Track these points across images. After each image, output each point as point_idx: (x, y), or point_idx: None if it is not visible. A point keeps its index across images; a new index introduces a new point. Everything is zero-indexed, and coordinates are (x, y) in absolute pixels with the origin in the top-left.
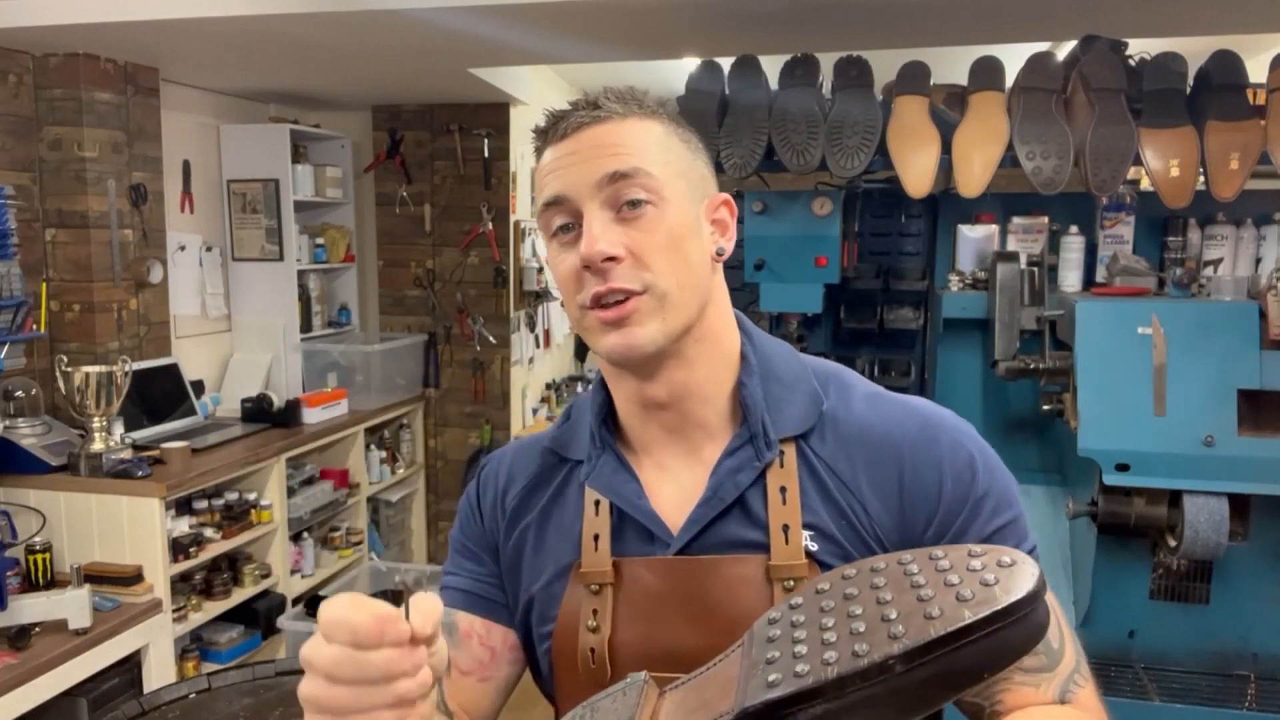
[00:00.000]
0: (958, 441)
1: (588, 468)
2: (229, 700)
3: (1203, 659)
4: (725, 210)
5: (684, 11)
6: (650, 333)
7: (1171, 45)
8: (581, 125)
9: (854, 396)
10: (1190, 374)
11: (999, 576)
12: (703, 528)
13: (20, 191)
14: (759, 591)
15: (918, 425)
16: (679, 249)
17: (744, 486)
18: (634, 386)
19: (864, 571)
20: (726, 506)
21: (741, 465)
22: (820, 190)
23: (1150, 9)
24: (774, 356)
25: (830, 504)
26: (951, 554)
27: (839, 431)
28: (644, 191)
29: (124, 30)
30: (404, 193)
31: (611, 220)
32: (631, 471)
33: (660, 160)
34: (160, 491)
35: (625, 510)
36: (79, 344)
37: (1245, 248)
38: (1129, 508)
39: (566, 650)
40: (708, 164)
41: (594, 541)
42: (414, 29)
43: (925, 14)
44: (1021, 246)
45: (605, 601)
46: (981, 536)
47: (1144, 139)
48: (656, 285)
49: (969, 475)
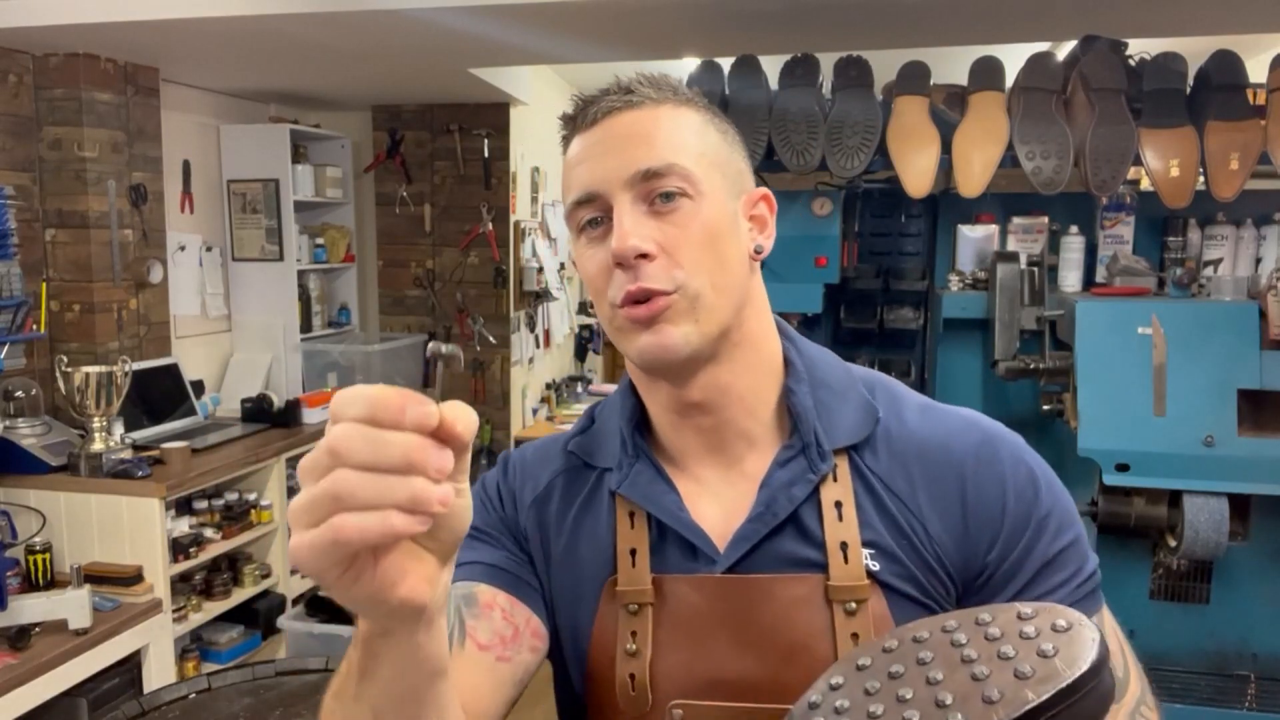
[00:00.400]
0: (1019, 457)
1: (618, 476)
2: (229, 700)
3: (1203, 659)
4: (764, 206)
5: (684, 11)
6: (684, 334)
7: (1171, 45)
8: (613, 110)
9: (905, 407)
10: (1190, 374)
11: (1057, 645)
12: (754, 545)
13: (20, 191)
14: (817, 614)
15: (977, 439)
16: (714, 246)
17: (799, 501)
18: (668, 392)
19: (906, 643)
20: (779, 523)
21: (795, 478)
22: (820, 190)
23: (1150, 9)
24: (820, 363)
25: (889, 521)
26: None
27: (893, 445)
28: (679, 183)
29: (124, 30)
30: (404, 193)
31: (644, 214)
32: (670, 481)
33: (696, 152)
34: (160, 491)
35: (665, 523)
36: (79, 344)
37: (1245, 248)
38: (1129, 508)
39: (602, 675)
40: (745, 157)
41: (631, 557)
42: (414, 29)
43: (925, 14)
44: (1021, 246)
45: (645, 623)
46: (1046, 558)
47: (1144, 139)
48: (689, 285)
49: (1031, 493)
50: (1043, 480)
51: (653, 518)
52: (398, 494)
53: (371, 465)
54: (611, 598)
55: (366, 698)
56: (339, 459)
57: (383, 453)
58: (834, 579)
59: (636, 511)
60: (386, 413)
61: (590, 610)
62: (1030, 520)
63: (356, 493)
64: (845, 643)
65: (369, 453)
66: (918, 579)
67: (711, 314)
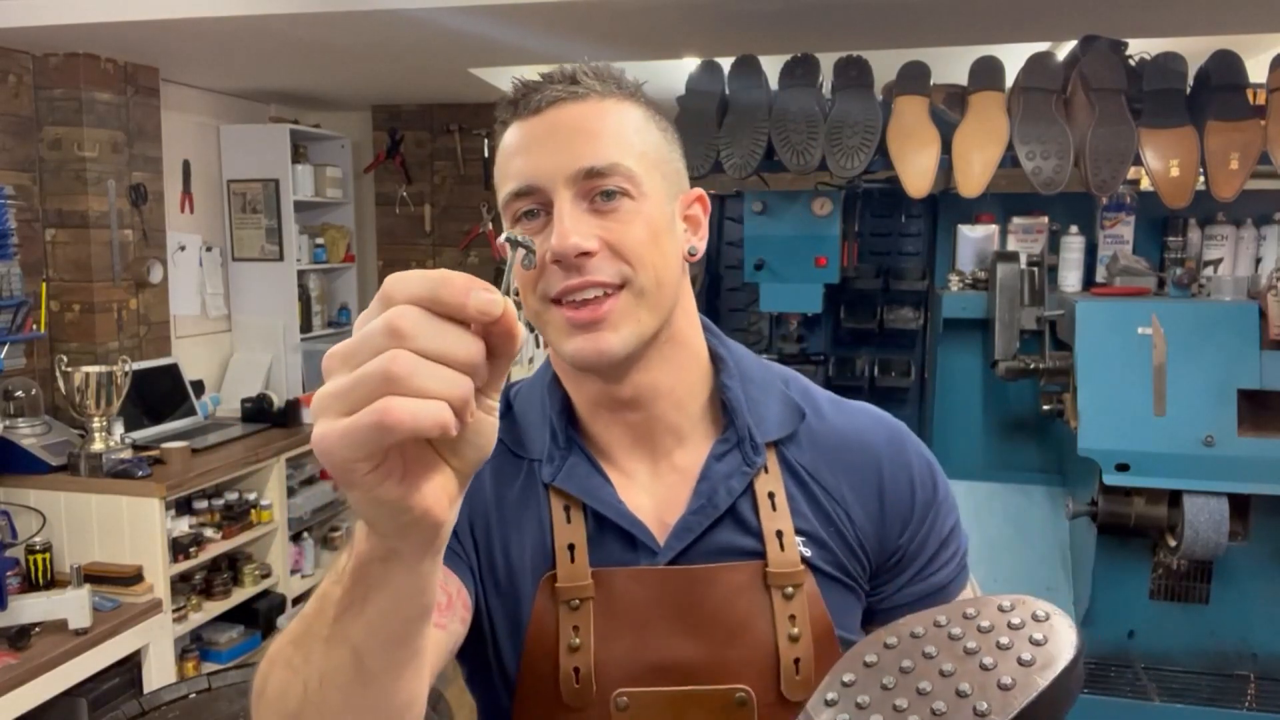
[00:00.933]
0: (919, 450)
1: (551, 468)
2: (229, 700)
3: (1203, 659)
4: (699, 207)
5: (684, 11)
6: (623, 337)
7: (1171, 45)
8: (557, 100)
9: (819, 402)
10: (1190, 374)
11: (1045, 634)
12: (696, 536)
13: (20, 191)
14: (757, 598)
15: (886, 434)
16: (658, 243)
17: (737, 493)
18: (598, 388)
19: (905, 639)
20: (719, 515)
21: (732, 471)
22: (820, 190)
23: (1150, 9)
24: (745, 359)
25: (818, 510)
26: (984, 610)
27: (815, 438)
28: (621, 183)
29: (124, 30)
30: (404, 193)
31: (585, 211)
32: (604, 474)
33: (638, 151)
34: (160, 491)
35: (604, 515)
36: (79, 344)
37: (1245, 248)
38: (1129, 508)
39: (539, 669)
40: (681, 156)
41: (569, 552)
42: (414, 29)
43: (925, 14)
44: (1021, 246)
45: (587, 617)
46: (942, 536)
47: (1144, 139)
48: (636, 279)
49: (931, 481)
50: (937, 469)
51: (588, 511)
52: (454, 388)
53: (436, 353)
54: (550, 593)
55: (348, 636)
56: (400, 339)
57: (448, 342)
58: (772, 565)
59: (572, 505)
60: (451, 295)
61: (527, 605)
62: (931, 505)
63: (414, 377)
64: (783, 623)
65: (434, 339)
66: (842, 563)
67: (654, 310)
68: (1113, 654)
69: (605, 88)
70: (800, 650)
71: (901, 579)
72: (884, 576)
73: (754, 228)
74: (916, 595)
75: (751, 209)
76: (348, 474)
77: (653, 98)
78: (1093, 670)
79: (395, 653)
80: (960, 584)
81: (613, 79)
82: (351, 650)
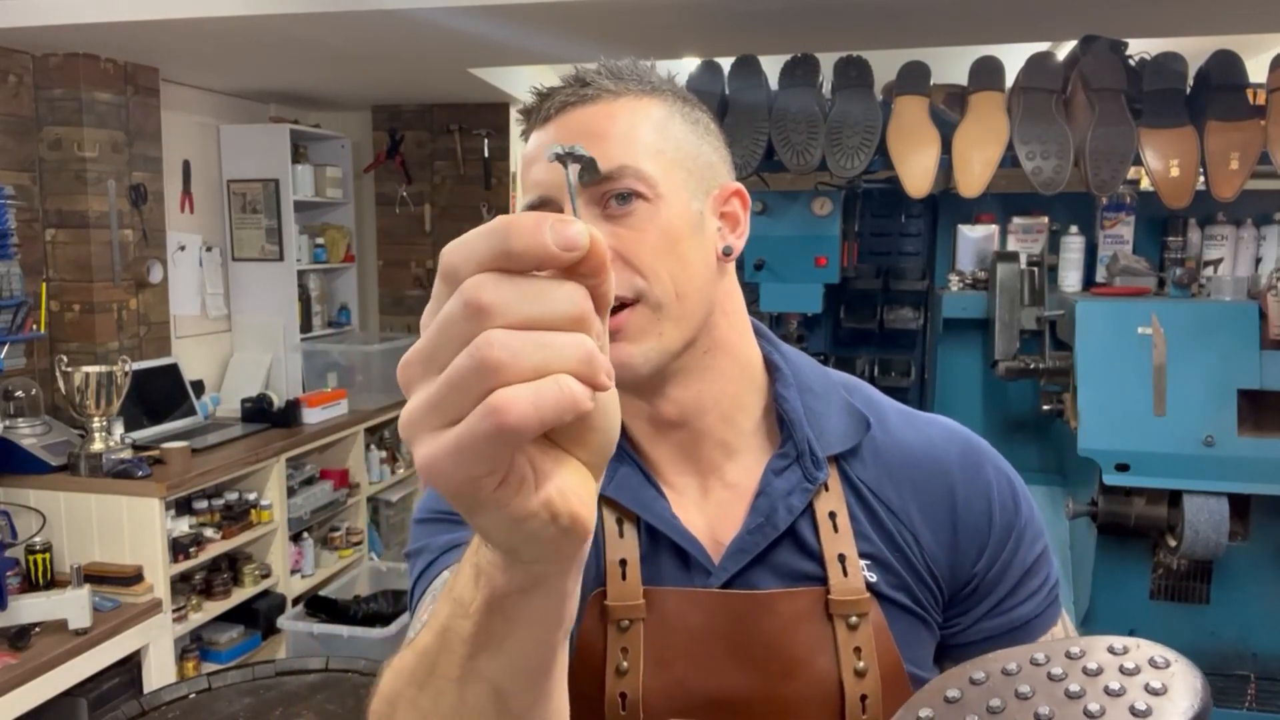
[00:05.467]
0: (999, 467)
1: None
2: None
3: (1203, 659)
4: (737, 202)
5: (684, 11)
6: (644, 351)
7: (1171, 45)
8: (566, 106)
9: (886, 411)
10: (1190, 374)
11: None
12: (753, 557)
13: (20, 191)
14: (818, 628)
15: (961, 449)
16: (675, 250)
17: (797, 512)
18: (639, 405)
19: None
20: (778, 535)
21: (792, 488)
22: (820, 190)
23: (1150, 9)
24: (803, 367)
25: (882, 532)
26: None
27: (880, 454)
28: (633, 185)
29: (124, 30)
30: (404, 193)
31: (597, 218)
32: (658, 488)
33: (654, 149)
34: (160, 491)
35: (659, 530)
36: (79, 344)
37: (1245, 248)
38: (1129, 508)
39: (584, 692)
40: (718, 148)
41: (621, 568)
42: (414, 29)
43: (925, 14)
44: (1021, 246)
45: (636, 639)
46: (1026, 565)
47: (1144, 139)
48: (650, 293)
49: (1013, 503)
50: (1021, 490)
51: (642, 525)
52: (573, 352)
53: (535, 319)
54: (598, 611)
55: (486, 675)
56: (485, 317)
57: (545, 301)
58: (834, 592)
59: (625, 518)
60: (526, 242)
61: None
62: (1013, 530)
63: (521, 356)
64: (848, 656)
65: (526, 302)
66: (911, 589)
67: (677, 325)
68: None
69: (620, 86)
70: (867, 686)
71: (978, 611)
72: (958, 608)
73: (754, 228)
74: (996, 630)
75: (751, 209)
76: (472, 495)
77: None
78: None
79: (540, 684)
80: (1049, 620)
81: (632, 76)
82: (492, 690)
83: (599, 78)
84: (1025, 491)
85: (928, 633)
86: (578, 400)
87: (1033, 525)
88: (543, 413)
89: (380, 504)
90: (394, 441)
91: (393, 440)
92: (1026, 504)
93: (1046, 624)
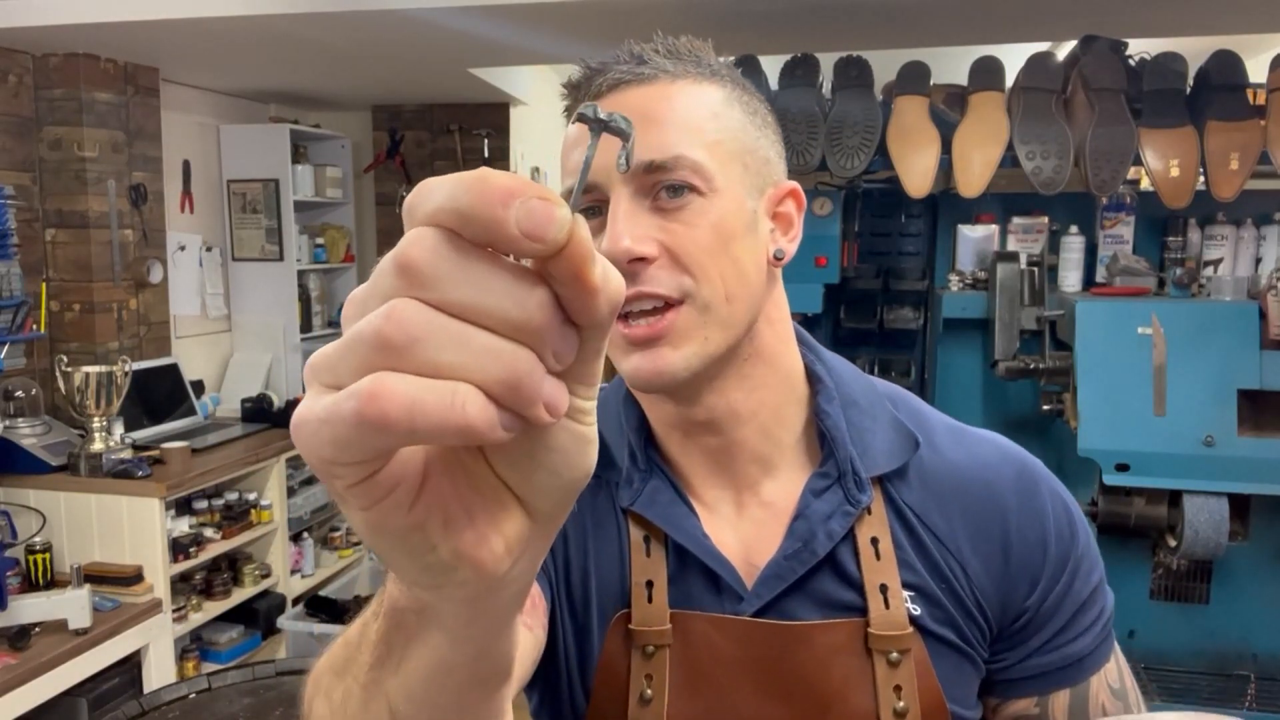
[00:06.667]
0: (1055, 491)
1: (630, 492)
2: (229, 700)
3: (1203, 659)
4: (791, 203)
5: (684, 11)
6: (685, 357)
7: (1171, 45)
8: (621, 83)
9: (934, 430)
10: (1190, 374)
11: None
12: (789, 585)
13: (20, 191)
14: (856, 663)
15: (1014, 472)
16: (728, 249)
17: (838, 537)
18: (670, 409)
19: None
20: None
21: (832, 511)
22: (820, 190)
23: (1150, 9)
24: (847, 377)
25: (927, 560)
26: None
27: (926, 475)
28: (688, 177)
29: (124, 30)
30: (404, 193)
31: (646, 210)
32: (690, 504)
33: (712, 140)
34: (160, 491)
35: (688, 550)
36: (79, 344)
37: (1245, 248)
38: (1129, 508)
39: (606, 716)
40: (775, 143)
41: (647, 590)
42: (414, 29)
43: (925, 14)
44: (1021, 246)
45: (662, 667)
46: (1081, 599)
47: (1144, 139)
48: (699, 294)
49: (1069, 532)
50: (1077, 516)
51: (670, 544)
52: (494, 363)
53: (467, 308)
54: (623, 634)
55: (388, 691)
56: (411, 283)
57: (487, 286)
58: (875, 626)
59: (653, 535)
60: (481, 205)
61: (597, 643)
62: (1069, 561)
63: (421, 345)
64: (887, 694)
65: (465, 281)
66: (957, 623)
67: (723, 329)
68: None
69: (678, 67)
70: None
71: (1028, 647)
72: (1007, 643)
73: None
74: (1046, 667)
75: None
76: (326, 479)
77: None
78: None
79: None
80: (1102, 656)
81: (690, 56)
82: (389, 712)
83: (656, 56)
84: (1082, 518)
85: (973, 670)
86: (470, 422)
87: (1089, 555)
88: (416, 420)
89: None
90: None
91: None
92: (1084, 531)
93: (1100, 661)
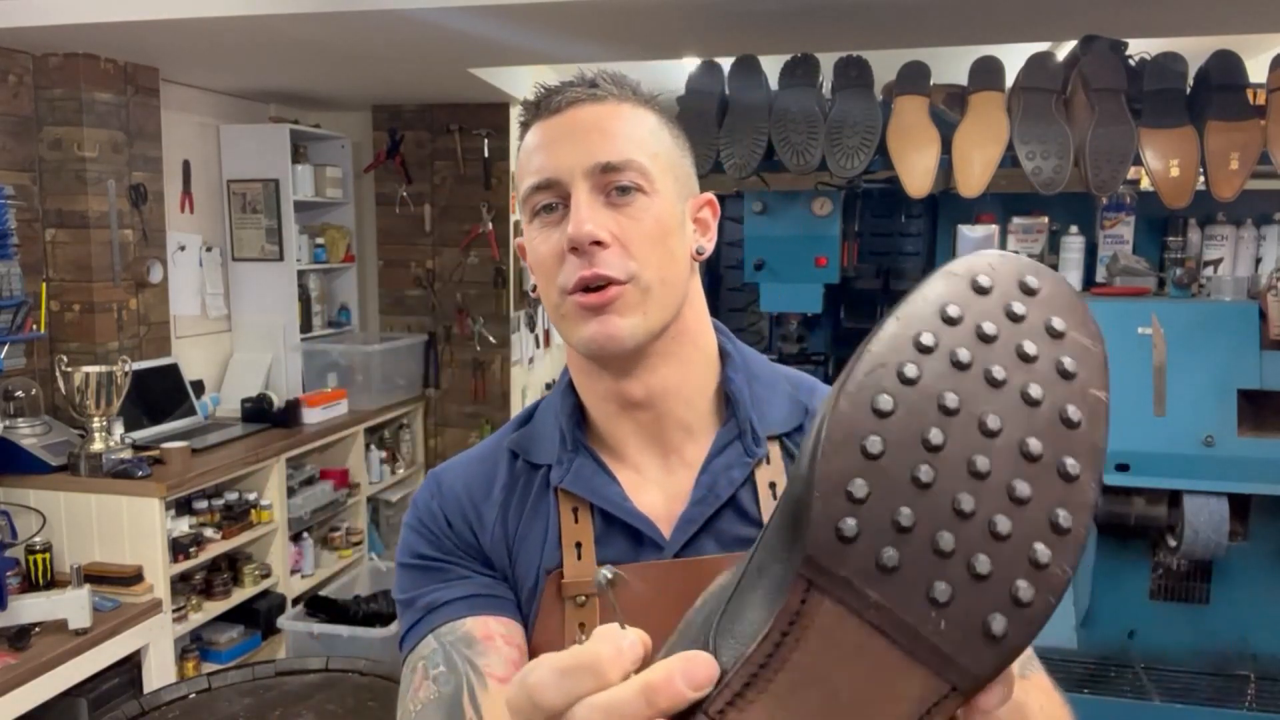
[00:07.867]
0: None
1: (559, 471)
2: (229, 700)
3: (1203, 659)
4: (708, 210)
5: (684, 11)
6: (631, 325)
7: (1171, 45)
8: (576, 101)
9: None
10: (1190, 374)
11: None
12: (699, 527)
13: (20, 191)
14: None
15: None
16: (665, 242)
17: (738, 483)
18: (609, 385)
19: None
20: (721, 504)
21: (732, 462)
22: (820, 190)
23: (1150, 9)
24: (753, 358)
25: None
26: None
27: None
28: (636, 178)
29: (124, 30)
30: (404, 193)
31: (601, 205)
32: (610, 473)
33: (652, 151)
34: (160, 491)
35: (610, 513)
36: (79, 344)
37: (1245, 248)
38: (1129, 508)
39: None
40: (692, 164)
41: (576, 550)
42: (414, 29)
43: (925, 14)
44: (1021, 246)
45: (593, 614)
46: None
47: (1144, 139)
48: (641, 276)
49: None
50: None
51: (596, 511)
52: None
53: None
54: (556, 592)
55: None
56: None
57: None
58: None
59: (580, 506)
60: (669, 699)
61: (535, 605)
62: None
63: None
64: None
65: None
66: None
67: (660, 307)
68: (1113, 654)
69: (622, 93)
70: None
71: None
72: None
73: (754, 228)
74: None
75: (751, 209)
76: None
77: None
78: (1093, 670)
79: None
80: None
81: (629, 86)
82: None
83: (604, 82)
84: None
85: None
86: None
87: None
88: None
89: (380, 504)
90: (394, 442)
91: (393, 440)
92: None
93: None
